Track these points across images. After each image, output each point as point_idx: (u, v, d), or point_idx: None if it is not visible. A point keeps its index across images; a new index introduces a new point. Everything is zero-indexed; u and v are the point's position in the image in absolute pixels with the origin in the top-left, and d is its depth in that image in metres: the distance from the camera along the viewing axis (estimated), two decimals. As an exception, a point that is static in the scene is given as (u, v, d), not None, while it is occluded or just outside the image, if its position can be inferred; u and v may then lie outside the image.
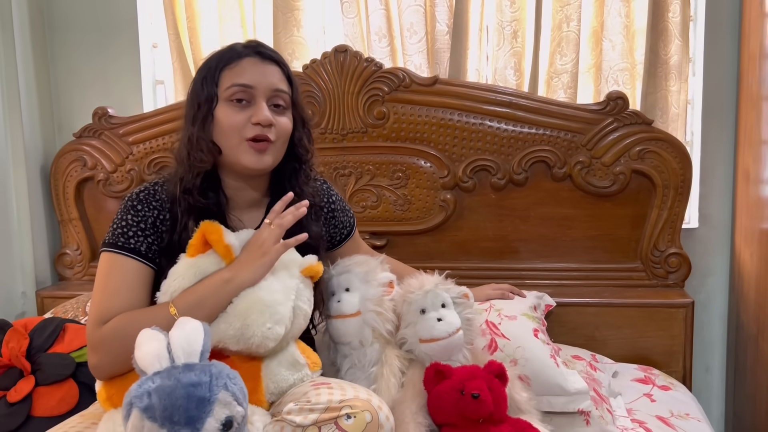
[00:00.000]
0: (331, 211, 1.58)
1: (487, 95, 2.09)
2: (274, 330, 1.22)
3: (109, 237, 1.32)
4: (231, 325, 1.22)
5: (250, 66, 1.33)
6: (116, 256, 1.29)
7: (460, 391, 1.32)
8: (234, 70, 1.33)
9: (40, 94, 2.38)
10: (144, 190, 1.36)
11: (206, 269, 1.25)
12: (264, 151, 1.32)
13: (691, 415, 1.72)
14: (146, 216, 1.32)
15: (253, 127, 1.31)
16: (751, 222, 2.01)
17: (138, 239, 1.30)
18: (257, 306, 1.22)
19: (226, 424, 0.97)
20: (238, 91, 1.31)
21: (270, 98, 1.34)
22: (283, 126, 1.36)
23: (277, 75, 1.36)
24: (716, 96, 2.15)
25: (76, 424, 1.26)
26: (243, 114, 1.31)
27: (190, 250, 1.27)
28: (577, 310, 2.03)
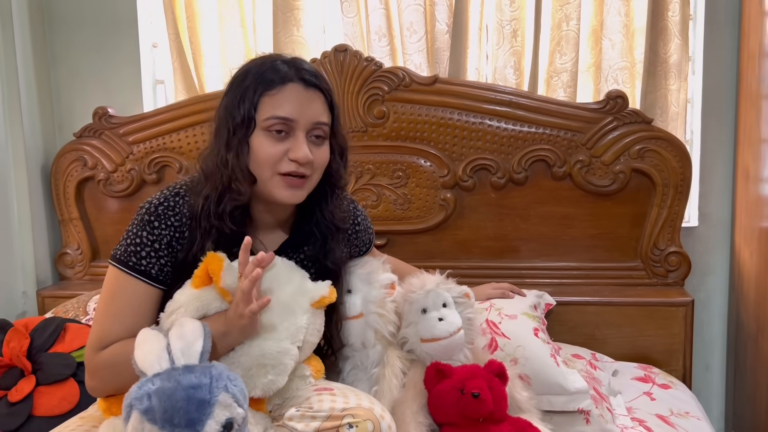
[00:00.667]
0: (355, 233, 1.53)
1: (486, 94, 2.09)
2: (277, 382, 1.18)
3: (121, 252, 1.25)
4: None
5: (292, 95, 1.24)
6: (125, 276, 1.24)
7: (461, 390, 1.33)
8: (275, 97, 1.24)
9: (41, 94, 2.38)
10: (163, 203, 1.27)
11: (209, 303, 1.19)
12: (299, 186, 1.26)
13: (691, 413, 1.72)
14: (162, 235, 1.25)
15: (289, 162, 1.24)
16: (751, 220, 2.01)
17: (150, 260, 1.24)
18: (260, 360, 1.16)
19: (227, 425, 0.98)
20: (277, 123, 1.23)
21: (310, 130, 1.26)
22: (321, 159, 1.29)
23: (320, 105, 1.28)
24: (716, 95, 2.15)
25: (75, 427, 1.25)
26: (280, 147, 1.24)
27: (195, 281, 1.22)
28: (577, 309, 2.03)
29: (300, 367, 1.27)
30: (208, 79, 2.34)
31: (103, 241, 2.39)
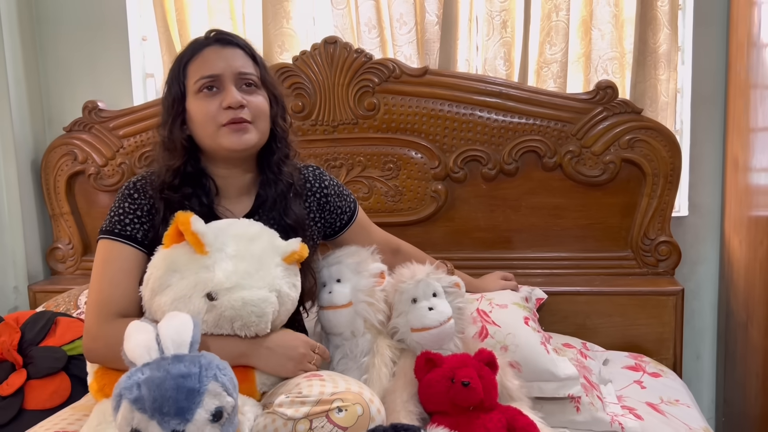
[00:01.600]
0: (324, 196, 1.55)
1: (477, 85, 2.09)
2: (260, 329, 1.23)
3: (106, 225, 1.34)
4: (219, 327, 1.23)
5: (211, 55, 1.35)
6: (113, 243, 1.32)
7: (451, 379, 1.33)
8: (197, 62, 1.35)
9: (30, 88, 2.37)
10: (141, 179, 1.38)
11: (177, 259, 1.23)
12: (244, 130, 1.34)
13: (681, 401, 1.74)
14: (142, 204, 1.35)
15: (225, 112, 1.32)
16: (740, 210, 2.02)
17: (134, 226, 1.33)
18: (244, 309, 1.20)
19: (216, 414, 0.98)
20: (205, 83, 1.33)
21: (238, 81, 1.35)
22: (257, 104, 1.36)
23: (241, 58, 1.37)
24: (705, 84, 2.15)
25: (67, 416, 1.26)
26: (214, 101, 1.33)
27: (165, 241, 1.27)
28: (568, 299, 2.04)
29: None
30: (198, 72, 2.32)
31: (94, 235, 2.37)
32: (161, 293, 1.22)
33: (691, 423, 1.61)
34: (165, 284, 1.22)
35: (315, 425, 1.11)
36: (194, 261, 1.22)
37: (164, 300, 1.21)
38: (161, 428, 0.94)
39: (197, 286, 1.20)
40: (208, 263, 1.22)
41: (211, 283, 1.20)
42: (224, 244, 1.25)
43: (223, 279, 1.20)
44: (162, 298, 1.22)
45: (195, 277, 1.21)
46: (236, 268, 1.22)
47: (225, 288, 1.20)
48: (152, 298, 1.24)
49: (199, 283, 1.20)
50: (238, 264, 1.23)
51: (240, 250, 1.25)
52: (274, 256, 1.28)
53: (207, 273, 1.21)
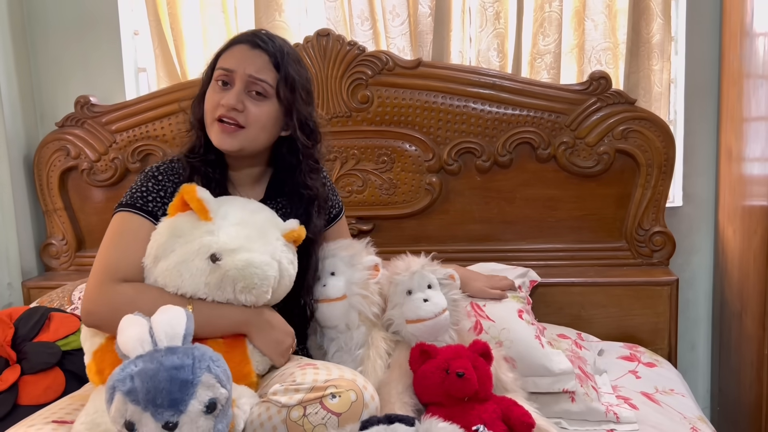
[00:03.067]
0: (328, 208, 1.60)
1: (470, 77, 2.09)
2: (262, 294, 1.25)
3: (126, 199, 1.35)
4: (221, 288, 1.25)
5: (237, 51, 1.38)
6: (132, 215, 1.33)
7: (445, 370, 1.33)
8: (224, 55, 1.40)
9: (21, 84, 2.35)
10: (164, 165, 1.42)
11: (181, 226, 1.26)
12: (230, 133, 1.35)
13: (676, 390, 1.74)
14: (166, 186, 1.37)
15: (220, 107, 1.35)
16: (734, 199, 2.02)
17: (156, 204, 1.35)
18: (248, 270, 1.23)
19: (210, 406, 0.98)
20: (220, 75, 1.37)
21: (248, 84, 1.36)
22: (255, 114, 1.36)
23: (261, 63, 1.36)
24: (699, 74, 2.15)
25: (65, 406, 1.26)
26: (220, 94, 1.36)
27: (170, 211, 1.30)
28: (563, 290, 2.05)
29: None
30: (190, 66, 2.32)
31: (87, 231, 2.37)
32: (165, 258, 1.25)
33: (686, 412, 1.62)
34: (169, 249, 1.25)
35: (309, 411, 1.12)
36: (198, 227, 1.25)
37: (167, 264, 1.24)
38: (155, 420, 0.94)
39: (201, 249, 1.23)
40: (212, 228, 1.25)
41: (215, 245, 1.23)
42: (227, 212, 1.28)
43: (228, 240, 1.23)
44: (165, 263, 1.24)
45: (199, 241, 1.23)
46: (239, 233, 1.25)
47: (229, 249, 1.23)
48: (155, 264, 1.26)
49: (203, 246, 1.23)
50: (241, 230, 1.26)
51: (243, 219, 1.29)
52: (275, 230, 1.32)
53: (211, 236, 1.24)
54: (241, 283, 1.23)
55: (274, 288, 1.28)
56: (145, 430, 0.95)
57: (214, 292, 1.24)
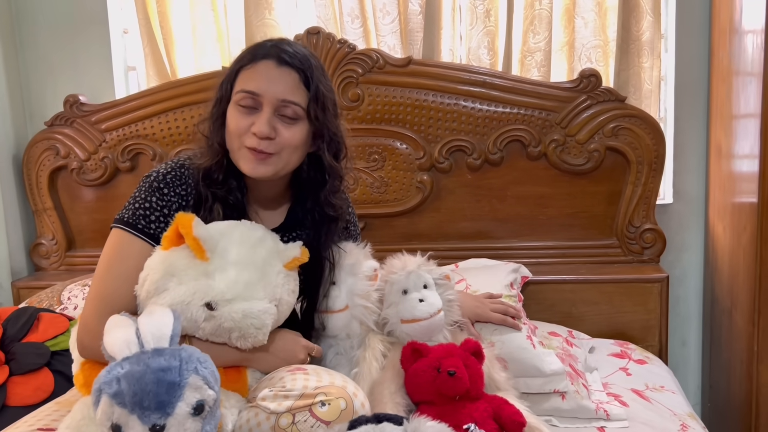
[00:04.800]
0: (346, 223, 1.54)
1: (461, 75, 2.09)
2: (258, 341, 1.20)
3: (129, 215, 1.27)
4: (217, 336, 1.20)
5: (263, 70, 1.27)
6: (133, 238, 1.26)
7: (437, 368, 1.33)
8: (248, 72, 1.28)
9: (10, 83, 2.34)
10: (171, 172, 1.31)
11: (176, 263, 1.18)
12: (263, 160, 1.27)
13: (666, 387, 1.75)
14: (171, 201, 1.29)
15: (251, 136, 1.26)
16: (724, 196, 2.03)
17: (159, 225, 1.27)
18: (244, 321, 1.17)
19: (198, 408, 0.97)
20: (244, 97, 1.26)
21: (277, 108, 1.27)
22: (286, 139, 1.27)
23: (291, 83, 1.27)
24: (688, 72, 2.16)
25: (51, 412, 1.25)
26: (247, 120, 1.26)
27: (164, 243, 1.22)
28: (554, 288, 2.05)
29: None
30: (179, 65, 2.31)
31: (78, 231, 2.36)
32: (157, 296, 1.18)
33: (676, 409, 1.62)
34: (162, 288, 1.17)
35: (298, 419, 1.10)
36: (194, 267, 1.18)
37: (161, 302, 1.17)
38: (141, 423, 0.94)
39: (196, 294, 1.16)
40: (209, 270, 1.18)
41: (211, 293, 1.16)
42: (226, 250, 1.20)
43: (224, 289, 1.17)
44: (158, 301, 1.17)
45: (194, 284, 1.16)
46: (238, 278, 1.18)
47: (226, 299, 1.16)
48: (147, 299, 1.20)
49: (199, 291, 1.16)
50: (240, 273, 1.19)
51: (242, 257, 1.21)
52: (276, 263, 1.25)
53: (207, 280, 1.17)
54: (236, 333, 1.17)
55: (273, 328, 1.23)
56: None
57: (209, 336, 1.19)
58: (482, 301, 1.66)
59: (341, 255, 1.48)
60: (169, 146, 2.23)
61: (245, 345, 1.19)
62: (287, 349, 1.28)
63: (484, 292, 1.73)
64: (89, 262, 2.29)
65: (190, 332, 1.19)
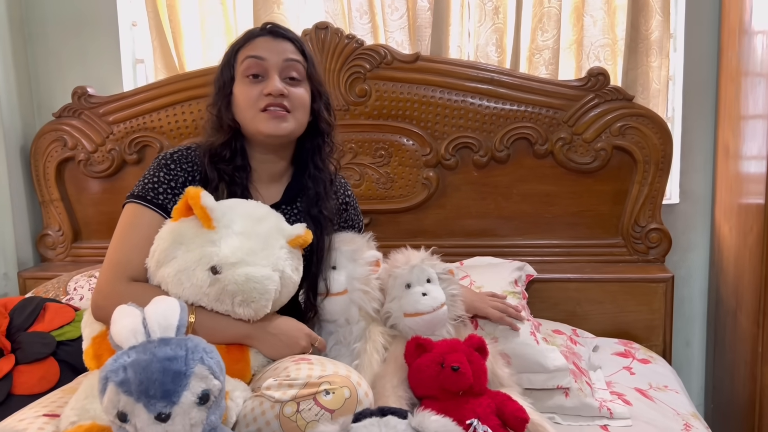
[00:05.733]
0: (345, 205, 1.61)
1: (468, 72, 2.09)
2: (261, 308, 1.24)
3: (138, 190, 1.36)
4: (221, 301, 1.23)
5: (262, 42, 1.41)
6: (144, 209, 1.34)
7: (440, 364, 1.33)
8: (247, 47, 1.41)
9: (18, 74, 2.35)
10: (177, 152, 1.42)
11: (184, 233, 1.24)
12: (282, 117, 1.38)
13: (670, 387, 1.74)
14: (177, 175, 1.38)
15: (265, 98, 1.37)
16: (731, 197, 2.02)
17: (167, 197, 1.36)
18: (247, 285, 1.21)
19: (203, 397, 0.97)
20: (251, 64, 1.38)
21: (283, 70, 1.39)
22: (298, 95, 1.41)
23: (290, 48, 1.42)
24: (697, 72, 2.15)
25: (57, 399, 1.25)
26: (257, 88, 1.38)
27: (174, 215, 1.28)
28: (559, 286, 2.05)
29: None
30: (188, 58, 2.31)
31: (84, 222, 2.37)
32: (166, 265, 1.24)
33: (679, 408, 1.62)
34: (170, 256, 1.24)
35: (302, 407, 1.11)
36: (201, 235, 1.23)
37: (168, 271, 1.23)
38: (147, 411, 0.94)
39: (202, 259, 1.21)
40: (215, 238, 1.23)
41: (216, 257, 1.21)
42: (231, 221, 1.26)
43: (229, 254, 1.21)
44: (166, 270, 1.24)
45: (200, 251, 1.22)
46: (242, 245, 1.23)
47: (230, 262, 1.21)
48: (157, 269, 1.26)
49: (204, 257, 1.21)
50: (244, 241, 1.24)
51: (247, 228, 1.26)
52: (279, 238, 1.30)
53: (212, 247, 1.22)
54: (239, 297, 1.22)
55: (275, 299, 1.27)
56: (138, 420, 0.95)
57: (213, 303, 1.24)
58: (483, 297, 1.67)
59: (342, 240, 1.52)
60: (176, 139, 2.23)
61: (248, 312, 1.23)
62: (290, 334, 1.31)
63: (488, 291, 1.73)
64: (95, 254, 2.30)
65: (195, 300, 1.23)
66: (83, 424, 1.09)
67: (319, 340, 1.37)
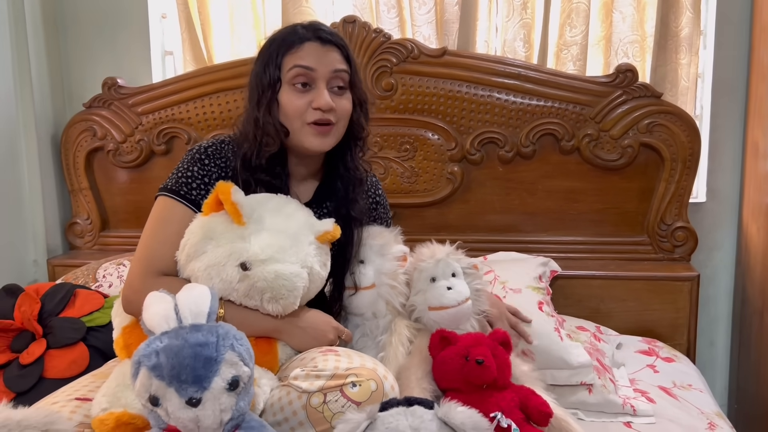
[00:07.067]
0: (375, 204, 1.61)
1: (495, 67, 2.08)
2: (289, 304, 1.25)
3: (172, 183, 1.36)
4: (250, 297, 1.24)
5: (311, 50, 1.36)
6: (176, 203, 1.34)
7: (465, 357, 1.33)
8: (296, 54, 1.36)
9: (51, 65, 2.39)
10: (212, 146, 1.41)
11: (215, 228, 1.25)
12: (326, 134, 1.38)
13: (694, 386, 1.73)
14: (211, 171, 1.38)
15: (314, 111, 1.35)
16: (759, 196, 2.00)
17: (200, 192, 1.35)
18: (276, 282, 1.22)
19: (233, 383, 0.99)
20: (299, 73, 1.35)
21: (330, 80, 1.37)
22: (343, 108, 1.40)
23: (337, 56, 1.39)
24: (727, 69, 2.13)
25: (88, 383, 1.28)
26: (305, 98, 1.36)
27: (204, 209, 1.29)
28: (583, 283, 2.04)
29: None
30: (216, 51, 2.34)
31: (112, 211, 2.40)
32: (196, 259, 1.25)
33: (703, 407, 1.61)
34: (200, 251, 1.25)
35: (329, 399, 1.12)
36: (231, 230, 1.24)
37: (198, 266, 1.24)
38: (179, 395, 0.96)
39: (232, 255, 1.22)
40: (245, 234, 1.24)
41: (246, 254, 1.22)
42: (261, 217, 1.27)
43: (258, 251, 1.22)
44: (196, 264, 1.24)
45: (230, 246, 1.23)
46: (271, 242, 1.24)
47: (259, 259, 1.22)
48: (187, 263, 1.27)
49: (234, 252, 1.22)
50: (274, 238, 1.25)
51: (276, 225, 1.27)
52: (308, 233, 1.30)
53: (242, 243, 1.23)
54: (268, 294, 1.23)
55: (303, 295, 1.27)
56: (169, 405, 0.97)
57: (242, 299, 1.25)
58: (501, 306, 1.62)
59: (371, 235, 1.52)
60: (204, 131, 2.25)
61: (276, 308, 1.24)
62: (318, 328, 1.32)
63: (512, 306, 1.67)
64: (123, 243, 2.34)
65: (225, 294, 1.24)
66: (114, 411, 1.11)
67: (346, 333, 1.37)
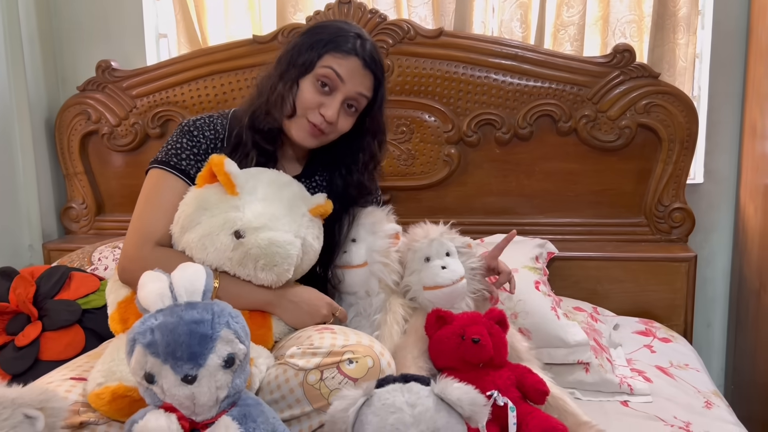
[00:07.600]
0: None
1: (492, 48, 2.07)
2: (283, 272, 1.26)
3: (162, 156, 1.38)
4: (243, 265, 1.25)
5: (351, 64, 1.38)
6: (167, 174, 1.36)
7: (461, 336, 1.33)
8: (336, 58, 1.37)
9: (43, 48, 2.37)
10: (200, 119, 1.44)
11: (208, 198, 1.26)
12: (316, 136, 1.40)
13: (691, 365, 1.74)
14: (201, 142, 1.40)
15: (318, 114, 1.37)
16: (757, 177, 2.00)
17: (190, 162, 1.37)
18: (270, 249, 1.23)
19: (228, 360, 0.98)
20: (329, 75, 1.36)
21: (349, 98, 1.39)
22: (342, 127, 1.41)
23: (367, 83, 1.41)
24: (725, 49, 2.12)
25: (83, 363, 1.28)
26: (319, 98, 1.37)
27: (198, 182, 1.30)
28: (580, 264, 2.04)
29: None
30: (210, 33, 2.32)
31: (107, 195, 2.39)
32: (190, 230, 1.26)
33: (700, 386, 1.62)
34: (195, 221, 1.26)
35: (326, 376, 1.13)
36: (225, 201, 1.25)
37: (193, 237, 1.25)
38: (174, 373, 0.95)
39: (226, 224, 1.23)
40: (238, 203, 1.25)
41: (239, 222, 1.23)
42: (255, 188, 1.28)
43: (252, 218, 1.24)
44: (191, 235, 1.26)
45: (224, 216, 1.24)
46: (265, 211, 1.26)
47: (253, 227, 1.23)
48: (182, 235, 1.28)
49: (228, 221, 1.23)
50: (267, 207, 1.26)
51: (269, 195, 1.29)
52: (302, 205, 1.32)
53: (236, 212, 1.24)
54: (262, 261, 1.23)
55: (296, 265, 1.28)
56: (165, 382, 0.96)
57: (236, 268, 1.25)
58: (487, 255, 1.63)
59: (362, 213, 1.52)
60: (199, 113, 2.20)
61: (270, 277, 1.25)
62: (312, 303, 1.33)
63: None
64: (118, 227, 2.33)
65: (219, 264, 1.25)
66: (110, 385, 1.11)
67: (340, 310, 1.38)
